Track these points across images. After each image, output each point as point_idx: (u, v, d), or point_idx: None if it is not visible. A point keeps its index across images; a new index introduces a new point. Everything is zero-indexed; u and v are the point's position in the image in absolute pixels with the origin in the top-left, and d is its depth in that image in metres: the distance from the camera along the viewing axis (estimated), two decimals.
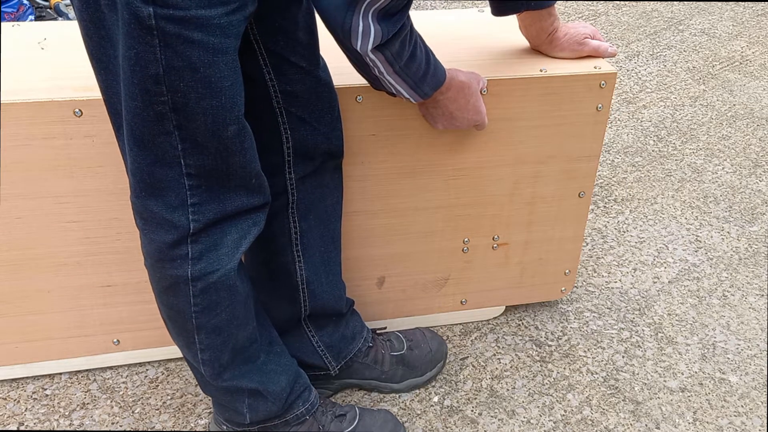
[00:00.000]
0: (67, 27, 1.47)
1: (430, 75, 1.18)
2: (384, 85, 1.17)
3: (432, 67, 1.18)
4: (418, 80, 1.16)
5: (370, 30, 1.03)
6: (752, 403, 1.51)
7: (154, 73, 0.93)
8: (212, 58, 0.94)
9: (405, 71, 1.13)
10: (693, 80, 2.81)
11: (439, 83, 1.20)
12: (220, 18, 0.93)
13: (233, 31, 0.96)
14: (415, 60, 1.13)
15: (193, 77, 0.94)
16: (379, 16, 1.02)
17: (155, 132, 0.98)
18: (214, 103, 0.97)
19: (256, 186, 1.09)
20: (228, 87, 0.98)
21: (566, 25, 1.42)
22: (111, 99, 1.03)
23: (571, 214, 1.57)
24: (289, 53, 1.15)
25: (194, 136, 0.99)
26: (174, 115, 0.97)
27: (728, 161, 2.32)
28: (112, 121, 1.06)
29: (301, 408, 1.30)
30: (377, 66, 1.10)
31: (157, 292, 1.14)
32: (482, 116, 1.32)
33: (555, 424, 1.45)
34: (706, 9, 3.46)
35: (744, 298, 1.79)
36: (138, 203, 1.06)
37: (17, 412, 1.43)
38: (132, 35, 0.91)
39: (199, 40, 0.92)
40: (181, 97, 0.95)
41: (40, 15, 3.00)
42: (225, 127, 1.00)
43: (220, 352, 1.17)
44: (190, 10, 0.90)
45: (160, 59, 0.92)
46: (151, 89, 0.94)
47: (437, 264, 1.56)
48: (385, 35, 1.04)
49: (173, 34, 0.91)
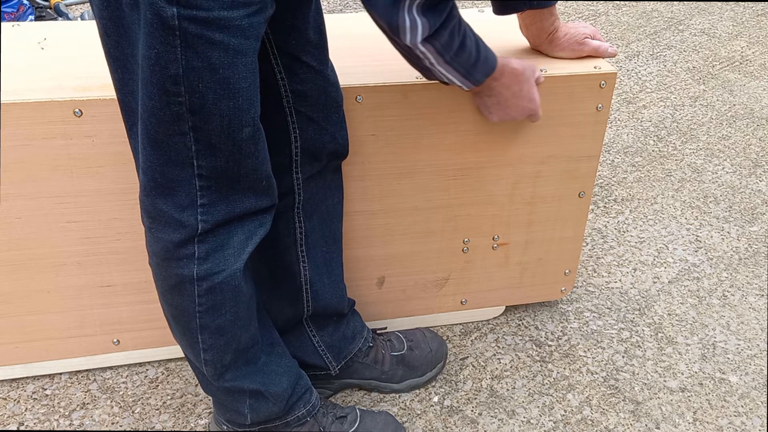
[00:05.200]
0: (67, 27, 1.47)
1: (481, 62, 1.19)
2: (436, 75, 1.18)
3: (483, 54, 1.19)
4: (469, 68, 1.17)
5: (417, 23, 1.05)
6: (752, 403, 1.51)
7: (174, 73, 0.94)
8: (232, 59, 0.95)
9: (456, 60, 1.14)
10: (693, 80, 2.81)
11: (491, 69, 1.21)
12: (242, 19, 0.94)
13: (253, 33, 0.97)
14: (465, 49, 1.14)
15: (212, 78, 0.95)
16: (424, 8, 1.04)
17: (170, 132, 0.99)
18: (231, 104, 0.98)
19: (265, 188, 1.10)
20: (245, 89, 0.98)
21: (566, 25, 1.42)
22: (126, 97, 1.03)
23: (571, 214, 1.57)
24: (300, 53, 1.15)
25: (209, 137, 1.00)
26: (190, 116, 0.97)
27: (728, 161, 2.32)
28: (125, 120, 1.06)
29: (302, 410, 1.30)
30: (428, 57, 1.12)
31: (161, 291, 1.14)
32: (536, 104, 1.32)
33: (555, 424, 1.45)
34: (706, 9, 3.46)
35: (744, 298, 1.79)
36: (147, 201, 1.06)
37: (17, 412, 1.43)
38: (153, 35, 0.92)
39: (220, 41, 0.93)
40: (198, 98, 0.96)
41: (40, 15, 3.00)
42: (240, 129, 1.01)
43: (223, 352, 1.17)
44: (213, 11, 0.91)
45: (180, 59, 0.93)
46: (170, 89, 0.95)
47: (437, 264, 1.56)
48: (432, 26, 1.06)
49: (195, 34, 0.92)
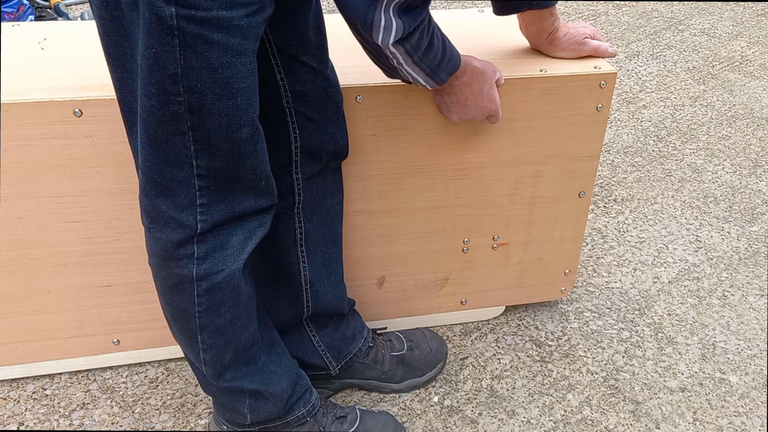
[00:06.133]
0: (67, 27, 1.47)
1: (446, 60, 1.18)
2: (401, 75, 1.17)
3: (448, 52, 1.18)
4: (434, 67, 1.16)
5: (392, 24, 1.03)
6: (752, 403, 1.51)
7: (173, 72, 0.94)
8: (231, 59, 0.95)
9: (423, 60, 1.13)
10: (693, 80, 2.81)
11: (455, 68, 1.20)
12: (240, 19, 0.94)
13: (252, 33, 0.97)
14: (432, 48, 1.13)
15: (211, 78, 0.95)
16: (401, 10, 1.03)
17: (169, 132, 0.99)
18: (230, 104, 0.98)
19: (264, 188, 1.10)
20: (244, 88, 0.98)
21: (566, 25, 1.42)
22: (125, 97, 1.03)
23: (571, 214, 1.57)
24: (300, 53, 1.15)
25: (208, 137, 1.00)
26: (189, 116, 0.98)
27: (728, 161, 2.32)
28: (124, 120, 1.06)
29: (302, 409, 1.30)
30: (396, 58, 1.11)
31: (161, 290, 1.14)
32: (496, 105, 1.31)
33: (555, 424, 1.45)
34: (706, 9, 3.46)
35: (744, 298, 1.79)
36: (146, 201, 1.06)
37: (17, 412, 1.43)
38: (152, 34, 0.92)
39: (218, 40, 0.93)
40: (197, 98, 0.96)
41: (40, 15, 3.00)
42: (239, 129, 1.01)
43: (223, 352, 1.17)
44: (211, 11, 0.91)
45: (179, 59, 0.93)
46: (169, 89, 0.95)
47: (437, 264, 1.56)
48: (406, 29, 1.05)
49: (194, 34, 0.92)
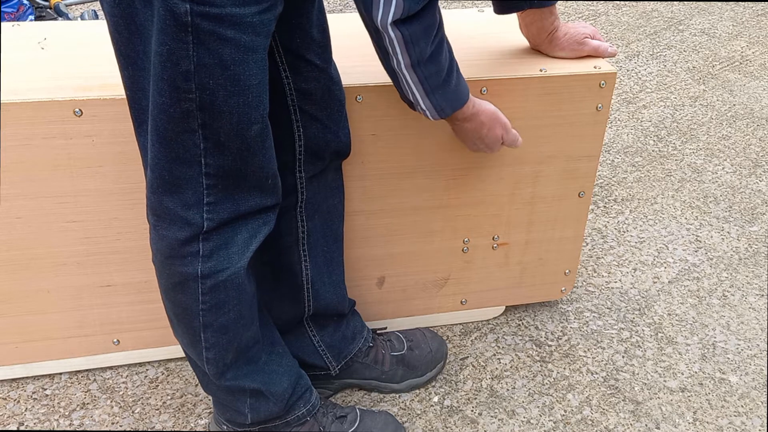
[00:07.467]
0: (67, 27, 1.47)
1: (451, 89, 1.14)
2: (401, 83, 1.13)
3: (454, 80, 1.14)
4: (435, 87, 1.13)
5: (392, 0, 1.01)
6: (752, 403, 1.51)
7: (185, 69, 0.94)
8: (243, 56, 0.96)
9: (423, 70, 1.10)
10: (693, 80, 2.81)
11: (460, 103, 1.17)
12: (253, 16, 0.95)
13: (264, 30, 0.97)
14: (436, 63, 1.10)
15: (223, 74, 0.96)
16: None
17: (180, 129, 0.99)
18: (241, 101, 0.99)
19: (271, 186, 1.10)
20: (255, 85, 0.99)
21: (566, 25, 1.42)
22: (135, 95, 1.03)
23: (571, 214, 1.57)
24: (305, 51, 1.15)
25: (218, 134, 1.00)
26: (200, 113, 0.98)
27: (728, 161, 2.32)
28: (133, 118, 1.06)
29: (303, 409, 1.30)
30: (395, 47, 1.07)
31: (164, 289, 1.14)
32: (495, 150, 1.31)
33: (555, 424, 1.45)
34: (706, 9, 3.46)
35: (744, 298, 1.79)
36: (153, 199, 1.06)
37: (17, 412, 1.43)
38: (166, 31, 0.92)
39: (231, 37, 0.94)
40: (209, 95, 0.97)
41: (40, 15, 3.00)
42: (249, 126, 1.01)
43: (225, 351, 1.17)
44: (225, 8, 0.92)
45: (192, 56, 0.94)
46: (181, 86, 0.96)
47: (437, 264, 1.56)
48: (407, 9, 1.02)
49: (207, 31, 0.93)
